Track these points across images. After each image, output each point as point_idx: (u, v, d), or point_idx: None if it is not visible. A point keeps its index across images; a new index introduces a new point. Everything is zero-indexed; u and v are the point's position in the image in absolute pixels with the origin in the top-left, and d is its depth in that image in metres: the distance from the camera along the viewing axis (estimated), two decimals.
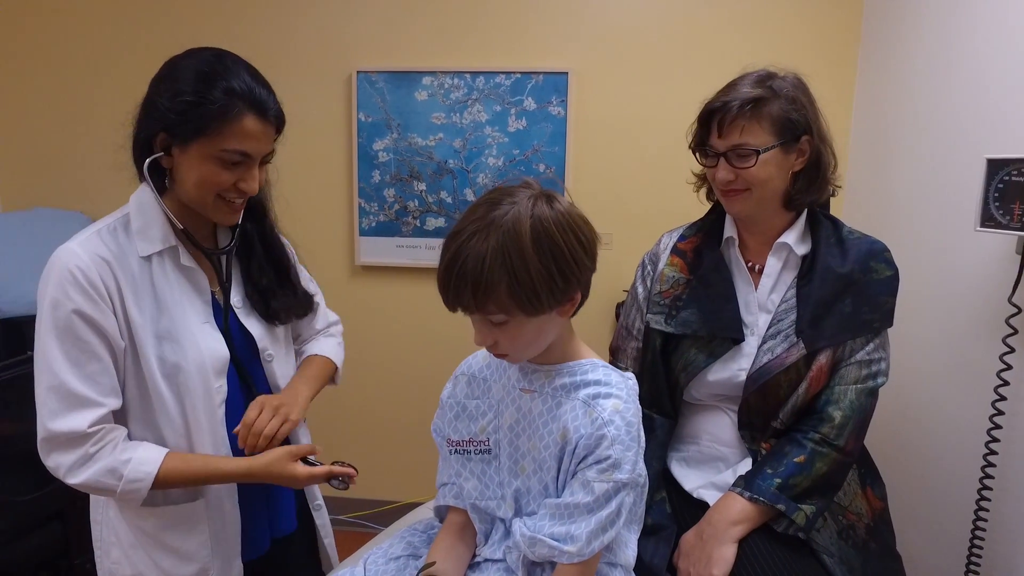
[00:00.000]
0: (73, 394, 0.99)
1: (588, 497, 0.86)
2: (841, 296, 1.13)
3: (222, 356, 1.10)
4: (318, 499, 1.31)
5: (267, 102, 1.04)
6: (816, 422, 1.12)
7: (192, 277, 1.10)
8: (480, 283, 0.82)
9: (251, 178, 1.04)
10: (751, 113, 1.12)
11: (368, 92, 2.23)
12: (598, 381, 0.91)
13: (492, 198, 0.86)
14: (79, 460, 0.99)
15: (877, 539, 1.17)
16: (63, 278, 0.98)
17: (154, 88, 1.04)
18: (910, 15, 1.86)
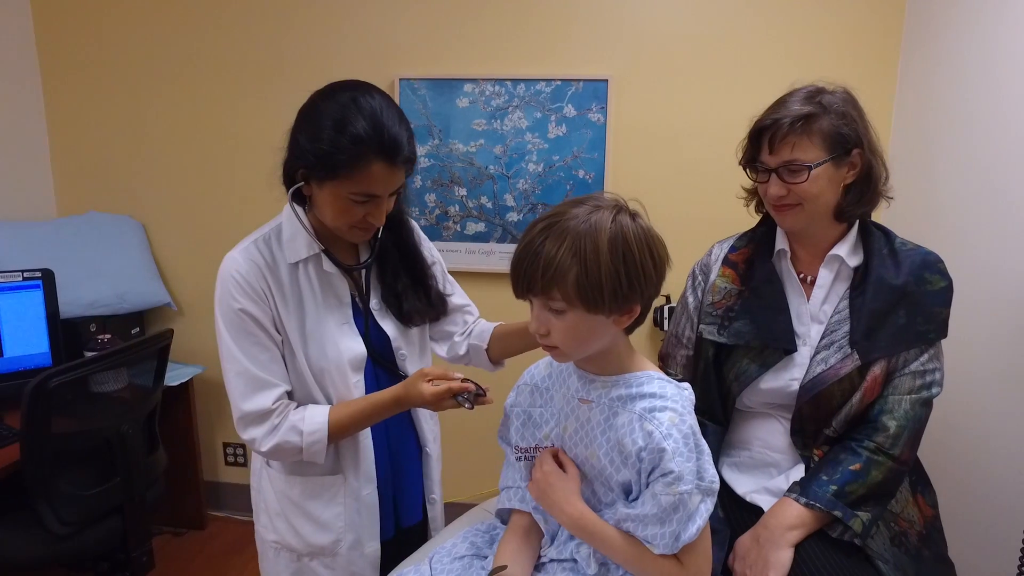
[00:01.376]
0: (256, 378, 1.15)
1: (655, 509, 0.89)
2: (895, 307, 1.15)
3: (359, 355, 1.22)
4: (434, 493, 1.41)
5: (397, 147, 1.08)
6: (871, 431, 1.15)
7: (333, 282, 1.21)
8: (551, 266, 0.87)
9: (379, 213, 1.14)
10: (802, 129, 1.14)
11: (410, 99, 2.28)
12: (653, 394, 0.94)
13: (577, 200, 0.92)
14: (267, 431, 1.15)
15: (930, 546, 1.19)
16: (228, 282, 1.15)
17: (297, 124, 1.14)
18: (953, 21, 1.86)
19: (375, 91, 1.11)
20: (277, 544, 1.28)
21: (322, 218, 1.16)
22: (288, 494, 1.25)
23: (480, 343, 1.43)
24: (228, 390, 1.17)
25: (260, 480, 1.31)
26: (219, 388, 2.61)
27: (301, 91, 2.35)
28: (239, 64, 2.38)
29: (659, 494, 0.89)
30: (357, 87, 1.11)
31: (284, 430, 1.16)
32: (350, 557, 1.25)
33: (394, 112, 1.10)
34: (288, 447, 1.16)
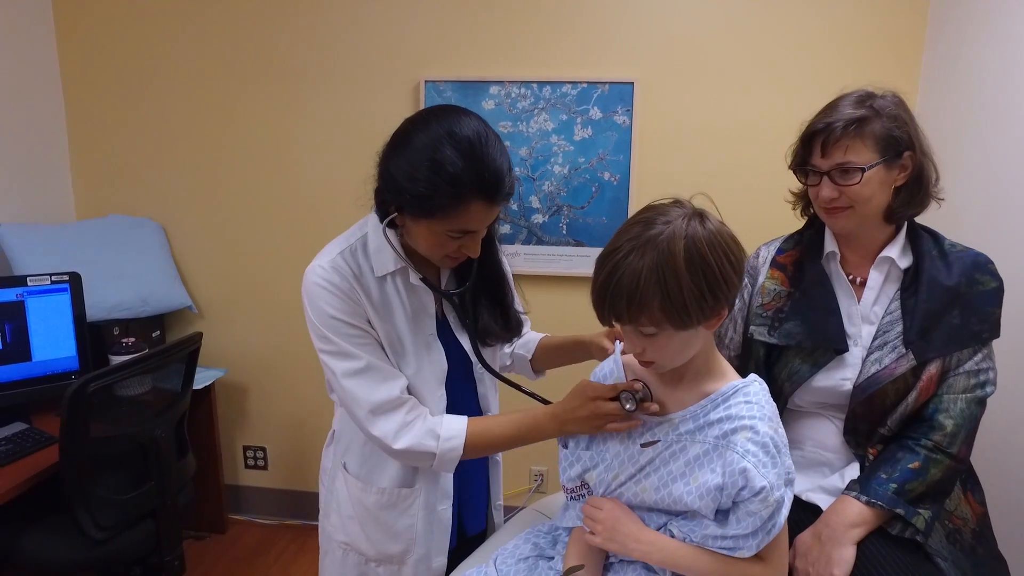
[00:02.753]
0: (379, 369, 1.14)
1: (754, 525, 0.91)
2: (948, 308, 1.17)
3: (442, 368, 1.21)
4: (499, 500, 1.42)
5: (498, 186, 1.04)
6: (927, 430, 1.17)
7: (420, 295, 1.20)
8: (635, 299, 0.88)
9: (475, 246, 1.12)
10: (855, 132, 1.16)
11: (435, 100, 2.29)
12: (729, 417, 0.95)
13: (646, 217, 0.92)
14: (399, 427, 1.13)
15: (983, 543, 1.21)
16: (318, 294, 1.12)
17: (389, 153, 1.09)
18: (975, 24, 1.89)
19: (472, 119, 1.05)
20: (346, 545, 1.28)
21: (414, 246, 1.14)
22: (363, 500, 1.25)
23: (525, 353, 1.44)
24: (348, 393, 1.13)
25: (333, 481, 1.31)
26: (240, 391, 2.61)
27: (324, 93, 2.38)
28: (261, 66, 2.38)
29: (756, 512, 0.91)
30: (452, 115, 1.05)
31: (420, 432, 1.13)
32: (416, 569, 1.25)
33: (493, 143, 1.04)
34: (422, 450, 1.13)
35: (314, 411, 2.60)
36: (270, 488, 2.70)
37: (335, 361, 1.14)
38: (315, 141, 2.40)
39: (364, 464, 1.25)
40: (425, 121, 1.05)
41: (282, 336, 2.55)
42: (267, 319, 2.55)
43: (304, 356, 2.55)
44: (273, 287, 2.53)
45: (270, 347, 2.57)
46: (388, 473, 1.23)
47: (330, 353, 1.14)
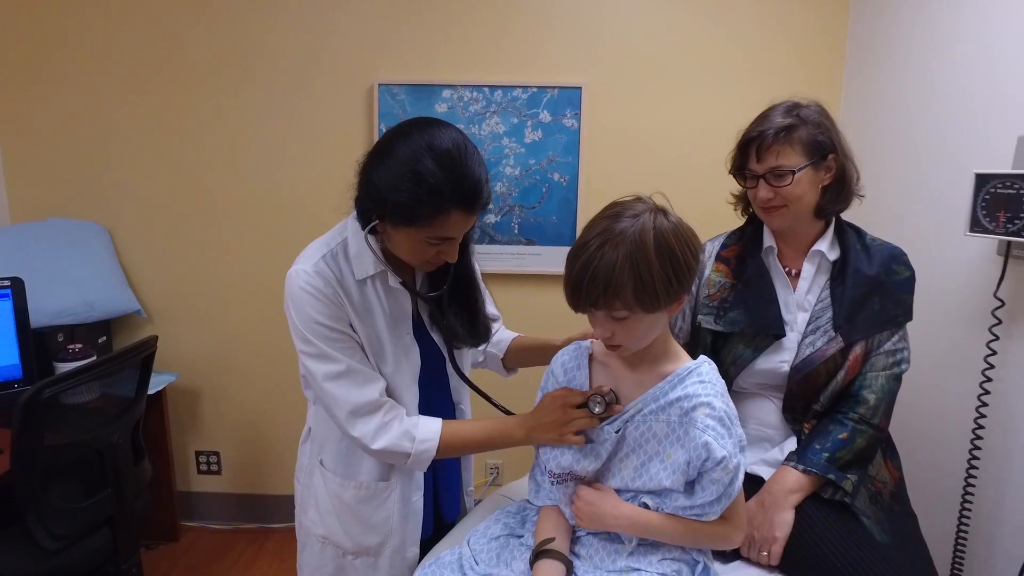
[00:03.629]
0: (359, 372, 1.18)
1: (717, 492, 1.02)
2: (870, 295, 1.32)
3: (417, 366, 1.27)
4: (470, 486, 1.48)
5: (476, 196, 1.10)
6: (853, 404, 1.31)
7: (398, 297, 1.25)
8: (611, 286, 0.97)
9: (452, 252, 1.18)
10: (784, 139, 1.29)
11: (389, 104, 2.33)
12: (687, 396, 1.05)
13: (614, 212, 1.02)
14: (377, 428, 1.18)
15: (899, 502, 1.36)
16: (302, 298, 1.15)
17: (371, 162, 1.12)
18: (893, 41, 2.08)
19: (451, 131, 1.10)
20: (324, 539, 1.32)
21: (394, 251, 1.18)
22: (341, 495, 1.29)
23: (498, 352, 1.52)
24: (328, 395, 1.18)
25: (310, 477, 1.34)
26: (192, 396, 2.58)
27: (278, 95, 2.39)
28: (211, 66, 2.36)
29: (719, 479, 1.01)
30: (432, 127, 1.10)
31: (396, 433, 1.18)
32: (392, 560, 1.30)
33: (471, 155, 1.10)
34: (398, 451, 1.18)
35: (268, 414, 2.60)
36: (224, 493, 2.67)
37: (317, 364, 1.17)
38: (268, 143, 2.40)
39: (341, 460, 1.29)
40: (407, 133, 1.10)
41: (234, 339, 2.53)
42: (219, 323, 2.53)
43: (257, 359, 2.55)
44: (224, 290, 2.51)
45: (222, 351, 2.55)
46: (365, 468, 1.28)
47: (312, 356, 1.18)
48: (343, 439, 1.27)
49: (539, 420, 1.16)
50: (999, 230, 1.53)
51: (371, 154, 1.14)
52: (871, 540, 1.21)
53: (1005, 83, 1.65)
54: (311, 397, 1.34)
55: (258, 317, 2.51)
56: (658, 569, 1.06)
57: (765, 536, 1.21)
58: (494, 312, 1.48)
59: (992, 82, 1.68)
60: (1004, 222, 1.52)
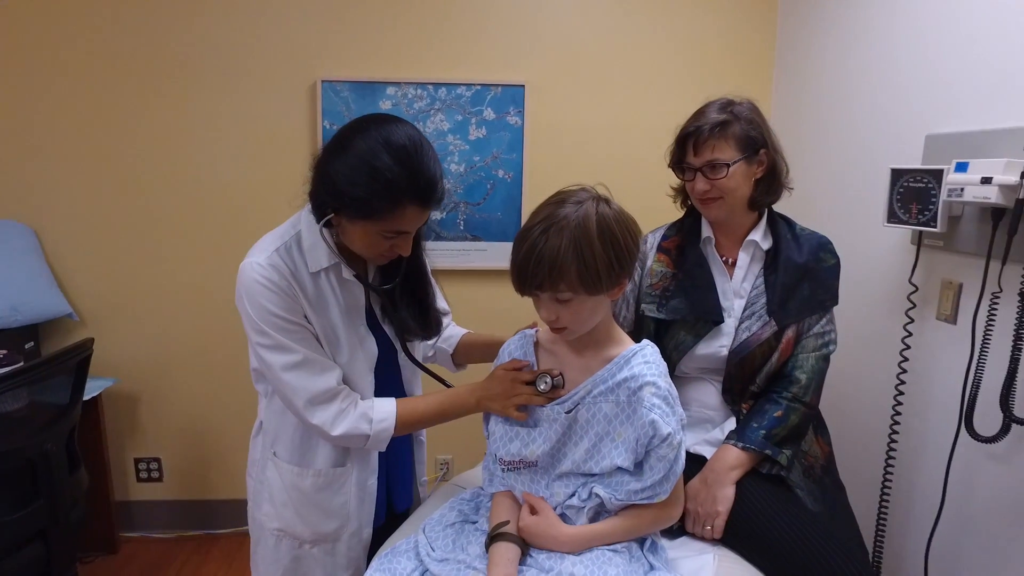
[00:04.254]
0: (316, 361, 1.20)
1: (664, 470, 1.07)
2: (800, 282, 1.40)
3: (373, 355, 1.29)
4: (423, 476, 1.50)
5: (432, 191, 1.13)
6: (787, 384, 1.39)
7: (352, 288, 1.26)
8: (555, 267, 1.01)
9: (407, 246, 1.20)
10: (719, 134, 1.37)
11: (333, 101, 2.31)
12: (633, 376, 1.09)
13: (560, 199, 1.07)
14: (336, 415, 1.20)
15: (829, 475, 1.45)
16: (257, 290, 1.15)
17: (328, 156, 1.14)
18: (817, 43, 2.21)
19: (407, 127, 1.13)
20: (280, 532, 1.31)
21: (348, 244, 1.20)
22: (299, 485, 1.29)
23: (447, 348, 1.54)
24: (286, 385, 1.19)
25: (263, 471, 1.34)
26: (130, 401, 2.49)
27: (218, 90, 2.34)
28: (147, 59, 2.29)
29: (665, 456, 1.06)
30: (389, 123, 1.12)
31: (354, 417, 1.21)
32: (350, 543, 1.32)
33: (427, 151, 1.12)
34: (357, 433, 1.21)
35: (212, 416, 2.53)
36: (166, 500, 2.59)
37: (273, 355, 1.18)
38: (207, 139, 2.34)
39: (297, 449, 1.29)
40: (363, 128, 1.12)
41: (175, 341, 2.46)
42: (158, 324, 2.45)
43: (200, 360, 2.48)
44: (164, 291, 2.43)
45: (162, 353, 2.47)
46: (321, 455, 1.29)
47: (268, 347, 1.18)
48: (298, 429, 1.28)
49: (488, 389, 1.21)
50: (912, 221, 1.66)
51: (327, 149, 1.15)
52: (805, 510, 1.29)
53: (914, 86, 1.78)
54: (263, 390, 1.33)
55: (200, 317, 2.44)
56: (609, 547, 1.11)
57: (708, 511, 1.28)
58: (444, 306, 1.50)
59: (903, 84, 1.82)
60: (916, 213, 1.64)
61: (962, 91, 1.63)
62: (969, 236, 1.60)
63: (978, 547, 1.58)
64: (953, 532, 1.63)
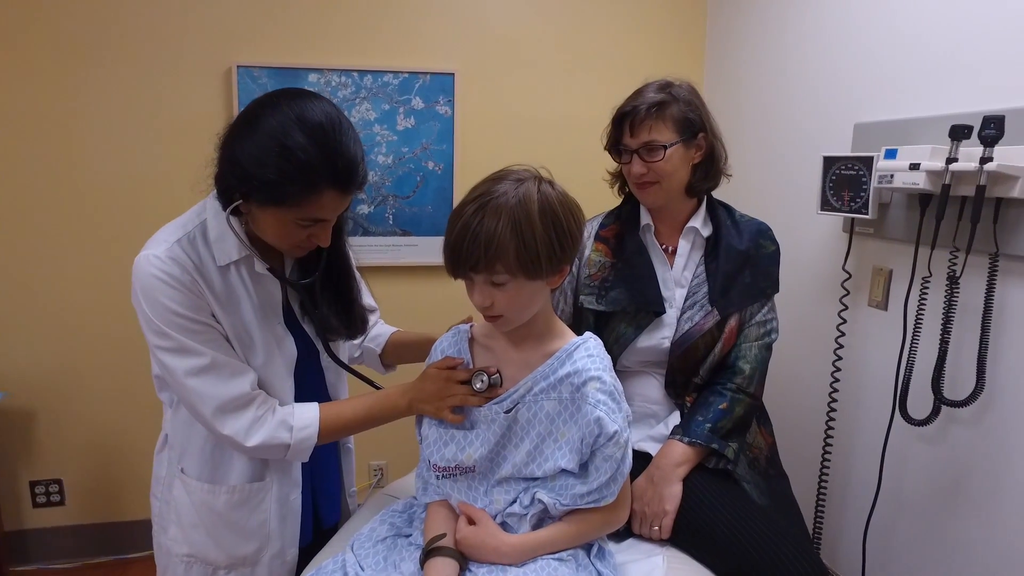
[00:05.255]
0: (224, 365, 1.07)
1: (610, 470, 1.00)
2: (742, 269, 1.37)
3: (292, 357, 1.17)
4: (352, 487, 1.39)
5: (351, 174, 1.02)
6: (731, 374, 1.36)
7: (266, 283, 1.14)
8: (492, 245, 0.93)
9: (325, 235, 1.09)
10: (656, 114, 1.32)
11: (250, 88, 2.15)
12: (576, 371, 1.02)
13: (497, 177, 0.99)
14: (251, 423, 1.08)
15: (773, 465, 1.43)
16: (155, 287, 1.03)
17: (234, 135, 1.01)
18: (748, 30, 2.21)
19: (323, 103, 1.02)
20: (190, 557, 1.17)
21: (260, 234, 1.08)
22: (211, 504, 1.16)
23: (375, 347, 1.43)
24: (192, 392, 1.06)
25: (169, 490, 1.19)
26: (25, 418, 2.25)
27: (119, 75, 2.14)
28: (42, 41, 2.05)
29: (612, 455, 0.99)
30: (303, 98, 1.01)
31: (272, 425, 1.09)
32: (271, 566, 1.20)
33: (346, 130, 1.02)
34: (275, 443, 1.10)
35: (121, 431, 2.32)
36: (69, 526, 2.35)
37: (176, 359, 1.05)
38: (106, 130, 2.13)
39: (207, 464, 1.16)
40: (274, 104, 1.01)
41: (77, 350, 2.23)
42: (53, 334, 2.22)
43: (105, 370, 2.26)
44: (63, 295, 2.20)
45: (62, 364, 2.24)
46: (236, 469, 1.16)
47: (169, 351, 1.05)
48: (208, 441, 1.15)
49: (420, 390, 1.12)
50: (844, 208, 1.66)
51: (233, 126, 1.03)
52: (752, 504, 1.26)
53: (843, 73, 1.79)
54: (167, 400, 1.20)
55: (100, 320, 2.22)
56: (554, 555, 1.03)
57: (655, 511, 1.23)
58: (371, 303, 1.40)
59: (832, 72, 1.83)
60: (848, 200, 1.65)
61: (889, 80, 1.65)
62: (898, 222, 1.62)
63: (913, 528, 1.60)
64: (890, 514, 1.65)
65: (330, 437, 1.15)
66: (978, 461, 1.44)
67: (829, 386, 1.74)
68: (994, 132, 1.29)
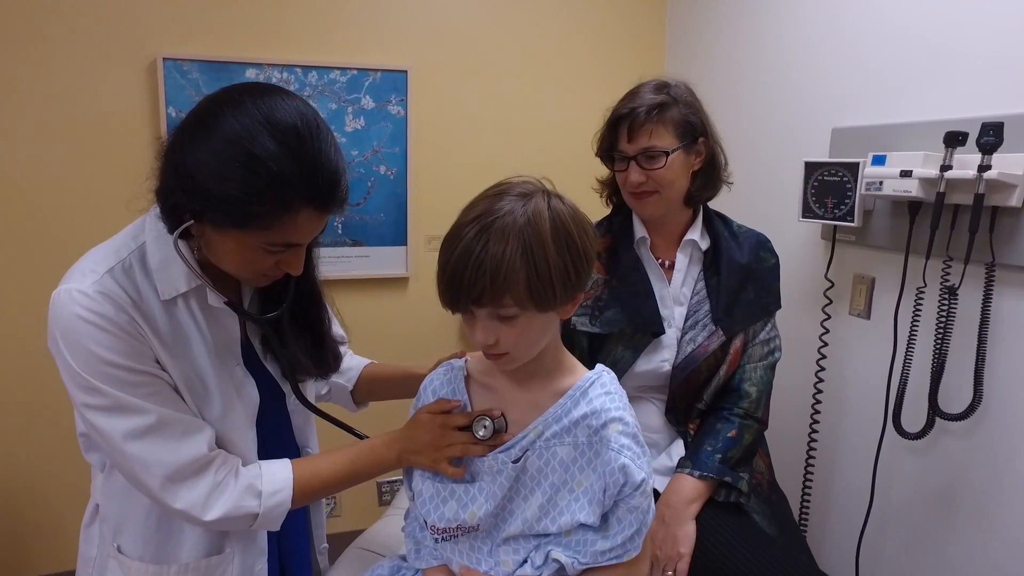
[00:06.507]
0: (174, 423, 0.88)
1: (637, 522, 0.88)
2: (744, 285, 1.29)
3: (254, 405, 1.00)
4: (323, 543, 1.21)
5: (333, 189, 0.85)
6: (736, 399, 1.27)
7: (222, 318, 0.96)
8: (499, 274, 0.79)
9: (296, 262, 0.91)
10: (657, 117, 1.21)
11: (179, 83, 1.92)
12: (594, 411, 0.90)
13: (497, 192, 0.85)
14: (209, 491, 0.89)
15: (775, 490, 1.36)
16: (81, 330, 0.83)
17: (184, 138, 0.82)
18: (709, 31, 2.15)
19: (295, 101, 0.84)
20: None
21: (216, 261, 0.90)
22: None
23: (346, 383, 1.26)
24: (134, 460, 0.87)
25: (103, 572, 0.98)
26: None
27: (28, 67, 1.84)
28: None
29: (638, 506, 0.88)
30: (271, 95, 0.83)
31: (236, 493, 0.90)
32: None
33: (325, 134, 0.85)
34: (240, 514, 0.91)
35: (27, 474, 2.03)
36: None
37: (111, 420, 0.85)
38: (8, 128, 1.84)
39: (151, 540, 0.96)
40: (236, 101, 0.82)
41: None
42: None
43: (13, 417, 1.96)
44: None
45: None
46: (188, 543, 0.97)
47: (102, 410, 0.85)
48: (153, 512, 0.96)
49: (412, 440, 0.96)
50: (828, 215, 1.61)
51: (183, 128, 0.84)
52: (765, 537, 1.18)
53: (821, 79, 1.75)
54: (96, 463, 0.99)
55: (9, 359, 1.93)
56: None
57: (670, 554, 1.12)
58: (340, 333, 1.23)
59: (811, 78, 1.78)
60: (832, 207, 1.60)
61: (869, 84, 1.61)
62: (881, 230, 1.58)
63: (903, 539, 1.57)
64: (880, 526, 1.62)
65: (305, 500, 0.97)
66: (969, 472, 1.41)
67: (812, 397, 1.70)
68: (993, 139, 1.25)
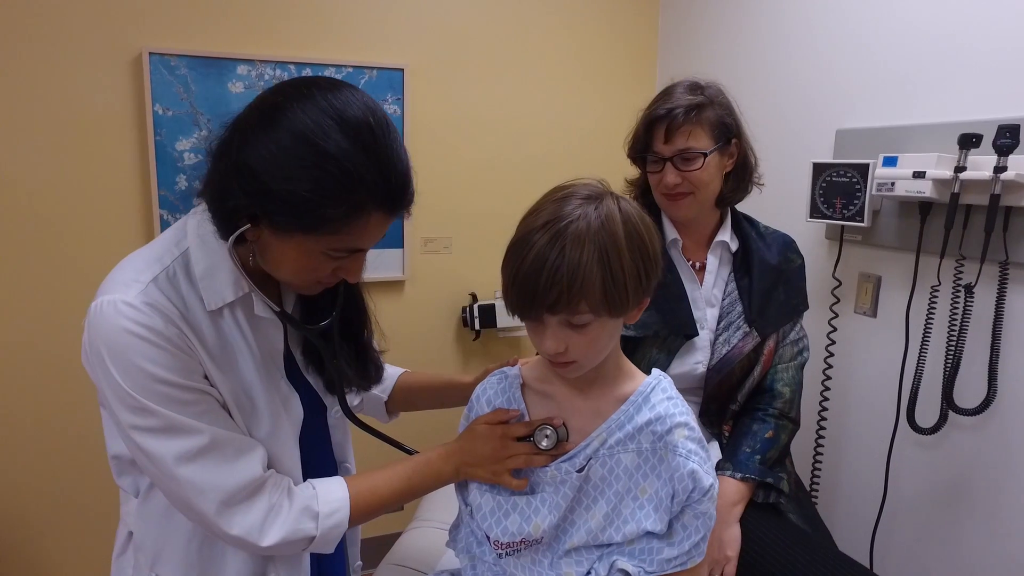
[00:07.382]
0: (227, 443, 0.83)
1: (705, 526, 0.87)
2: (775, 286, 1.29)
3: (298, 420, 0.95)
4: (357, 560, 1.15)
5: (404, 191, 0.82)
6: (770, 399, 1.27)
7: (267, 330, 0.91)
8: (576, 281, 0.77)
9: (356, 268, 0.87)
10: (695, 118, 1.21)
11: (166, 79, 1.82)
12: (658, 417, 0.88)
13: (562, 195, 0.83)
14: (266, 514, 0.84)
15: (800, 487, 1.37)
16: (130, 346, 0.77)
17: (246, 135, 0.76)
18: (701, 31, 2.17)
19: (362, 96, 0.79)
20: None
21: (270, 268, 0.85)
22: None
23: (381, 394, 1.22)
24: (187, 485, 0.81)
25: None
26: None
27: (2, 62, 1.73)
28: None
29: (705, 512, 0.86)
30: (339, 90, 0.78)
31: (293, 515, 0.85)
32: None
33: (394, 132, 0.81)
34: (298, 538, 0.85)
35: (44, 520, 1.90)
36: None
37: (163, 442, 0.79)
38: None
39: (193, 567, 0.90)
40: (303, 95, 0.76)
41: None
42: None
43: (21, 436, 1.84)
44: None
45: None
46: (231, 569, 0.91)
47: (153, 431, 0.79)
48: (195, 537, 0.90)
49: (470, 452, 0.93)
50: (837, 216, 1.64)
51: (241, 125, 0.79)
52: (803, 535, 1.18)
53: (825, 81, 1.77)
54: (129, 487, 0.93)
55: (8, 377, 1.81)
56: None
57: (716, 558, 1.12)
58: (381, 343, 1.18)
59: (816, 79, 1.81)
60: (840, 208, 1.63)
61: (872, 86, 1.64)
62: (889, 230, 1.61)
63: (914, 533, 1.60)
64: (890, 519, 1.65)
65: (361, 520, 0.92)
66: (981, 466, 1.45)
67: (820, 394, 1.72)
68: (1010, 141, 1.29)
